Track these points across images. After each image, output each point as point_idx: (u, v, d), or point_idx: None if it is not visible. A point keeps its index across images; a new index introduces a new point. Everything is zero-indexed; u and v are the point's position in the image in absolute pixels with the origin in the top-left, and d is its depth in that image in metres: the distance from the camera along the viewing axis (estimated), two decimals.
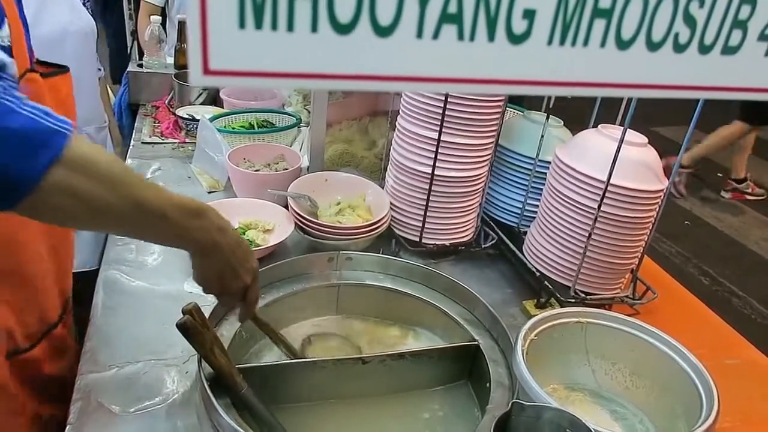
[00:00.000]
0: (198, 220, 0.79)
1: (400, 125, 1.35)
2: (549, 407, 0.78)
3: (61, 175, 0.64)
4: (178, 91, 2.13)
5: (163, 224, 0.75)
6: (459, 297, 1.19)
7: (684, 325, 1.21)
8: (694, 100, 1.01)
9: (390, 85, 0.33)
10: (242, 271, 0.88)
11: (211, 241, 0.81)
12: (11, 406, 0.95)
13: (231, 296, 0.92)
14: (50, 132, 0.64)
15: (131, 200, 0.70)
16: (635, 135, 1.15)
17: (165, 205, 0.74)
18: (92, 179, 0.67)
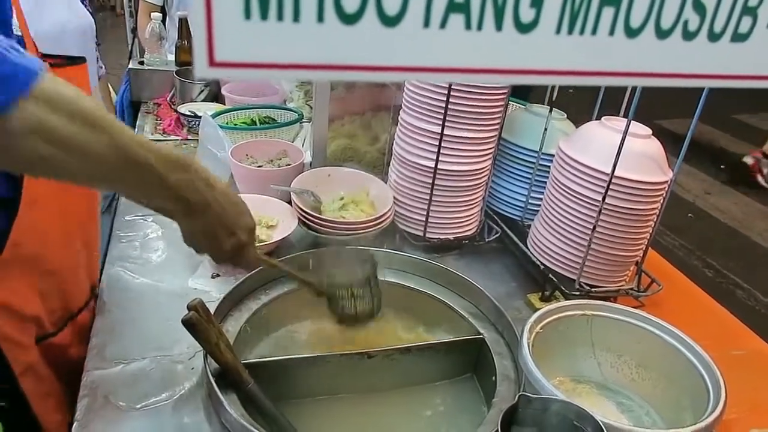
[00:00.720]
0: (184, 173, 0.72)
1: (402, 119, 1.34)
2: (556, 399, 0.78)
3: (32, 110, 0.58)
4: (179, 88, 2.13)
5: (148, 175, 0.69)
6: (463, 291, 1.19)
7: (689, 316, 1.21)
8: (698, 91, 1.01)
9: (397, 75, 0.33)
10: (236, 229, 0.82)
11: (200, 197, 0.75)
12: (42, 388, 0.97)
13: (226, 255, 0.85)
14: (18, 65, 0.58)
15: (113, 144, 0.64)
16: (639, 127, 1.14)
17: (149, 152, 0.68)
18: (69, 118, 0.60)
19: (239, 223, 0.82)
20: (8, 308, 0.90)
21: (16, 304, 0.91)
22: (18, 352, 0.93)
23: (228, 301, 1.05)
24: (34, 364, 0.96)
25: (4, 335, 0.90)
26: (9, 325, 0.90)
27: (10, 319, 0.91)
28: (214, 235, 0.80)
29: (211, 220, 0.78)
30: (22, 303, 0.92)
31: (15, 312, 0.91)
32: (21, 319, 0.93)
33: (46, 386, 0.99)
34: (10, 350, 0.91)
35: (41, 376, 0.98)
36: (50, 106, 0.59)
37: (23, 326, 0.94)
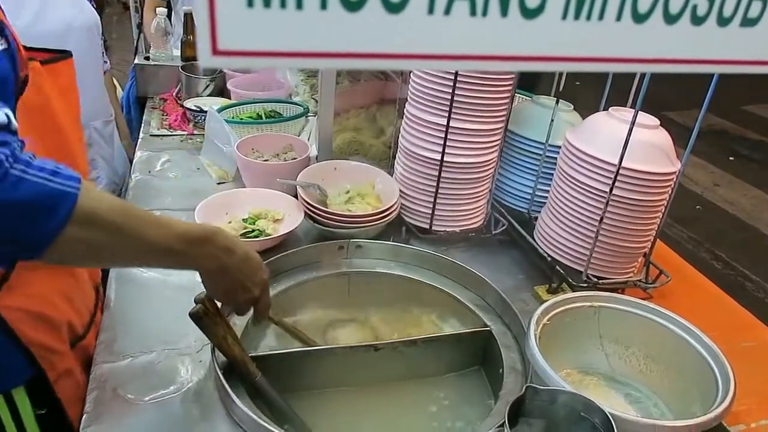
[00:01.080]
0: (204, 246, 0.83)
1: (408, 112, 1.34)
2: (563, 391, 0.78)
3: (72, 232, 0.68)
4: (185, 83, 2.13)
5: (171, 257, 0.80)
6: (470, 283, 1.18)
7: (698, 308, 1.20)
8: (707, 81, 1.00)
9: (401, 63, 0.32)
10: (251, 285, 0.90)
11: (219, 264, 0.85)
12: (78, 392, 0.98)
13: (243, 308, 0.95)
14: (59, 195, 0.67)
15: (138, 242, 0.76)
16: (647, 117, 1.13)
17: (170, 241, 0.78)
18: (102, 230, 0.72)
19: (255, 280, 0.91)
20: (39, 315, 0.91)
21: (47, 310, 0.93)
22: (54, 358, 0.94)
23: None
24: (71, 369, 0.98)
25: (37, 343, 0.91)
26: (42, 333, 0.92)
27: (42, 326, 0.92)
28: (232, 292, 0.90)
29: (229, 280, 0.87)
30: (52, 309, 0.94)
31: (46, 318, 0.93)
32: (53, 326, 0.95)
33: (82, 390, 0.99)
34: (45, 358, 0.92)
35: (78, 381, 0.99)
36: (86, 224, 0.70)
37: (56, 332, 0.95)
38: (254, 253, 0.91)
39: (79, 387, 0.98)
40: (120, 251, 0.76)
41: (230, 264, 0.86)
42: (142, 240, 0.76)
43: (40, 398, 0.94)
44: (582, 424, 0.76)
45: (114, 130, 2.02)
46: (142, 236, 0.75)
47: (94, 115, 1.86)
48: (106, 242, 0.72)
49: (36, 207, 0.65)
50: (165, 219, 0.81)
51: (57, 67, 0.95)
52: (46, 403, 0.94)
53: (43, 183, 0.66)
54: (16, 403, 0.92)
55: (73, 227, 0.68)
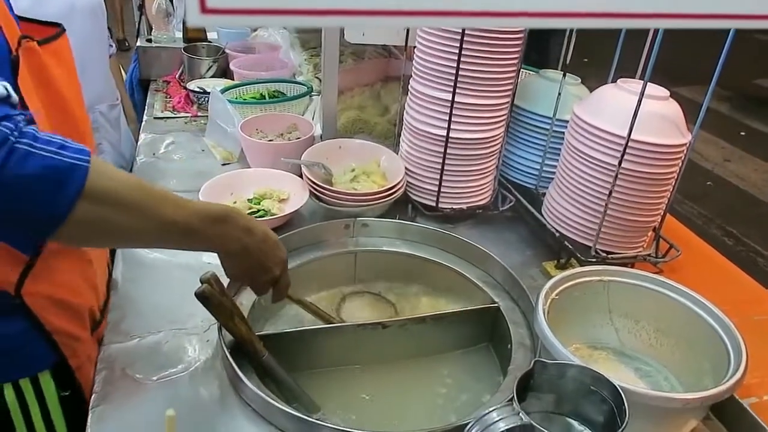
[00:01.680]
0: (223, 225, 0.81)
1: (413, 88, 1.32)
2: (572, 365, 0.77)
3: (86, 208, 0.66)
4: (188, 65, 2.11)
5: (191, 237, 0.78)
6: (477, 260, 1.18)
7: (709, 282, 1.18)
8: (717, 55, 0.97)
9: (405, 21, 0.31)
10: (271, 265, 0.89)
11: (238, 244, 0.83)
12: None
13: (263, 288, 0.93)
14: (69, 169, 0.65)
15: (156, 221, 0.73)
16: (656, 88, 1.11)
17: (190, 219, 0.77)
18: (116, 208, 0.69)
19: (274, 260, 0.90)
20: (62, 302, 0.90)
21: (69, 297, 0.92)
22: (76, 346, 0.94)
23: None
24: (92, 356, 0.97)
25: (61, 330, 0.90)
26: (64, 320, 0.91)
27: (64, 313, 0.91)
28: (252, 272, 0.89)
29: (248, 261, 0.86)
30: (74, 296, 0.93)
31: (69, 305, 0.92)
32: (76, 312, 0.94)
33: None
34: (68, 345, 0.92)
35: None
36: (99, 200, 0.68)
37: (79, 319, 0.95)
38: (272, 233, 0.90)
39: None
40: (138, 230, 0.73)
41: (250, 244, 0.84)
42: (161, 218, 0.73)
43: (64, 381, 0.94)
44: (591, 398, 0.76)
45: (120, 114, 2.01)
46: (160, 214, 0.73)
47: (100, 99, 1.84)
48: (122, 220, 0.70)
49: (45, 182, 0.63)
50: (182, 198, 0.78)
51: (56, 47, 0.93)
52: (69, 385, 0.94)
53: (51, 157, 0.64)
54: (41, 385, 0.92)
55: (86, 203, 0.66)
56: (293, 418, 0.81)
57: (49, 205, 0.64)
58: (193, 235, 0.78)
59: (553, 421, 0.79)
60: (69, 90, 0.95)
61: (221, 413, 0.85)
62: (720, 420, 0.90)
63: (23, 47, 0.81)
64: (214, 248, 0.84)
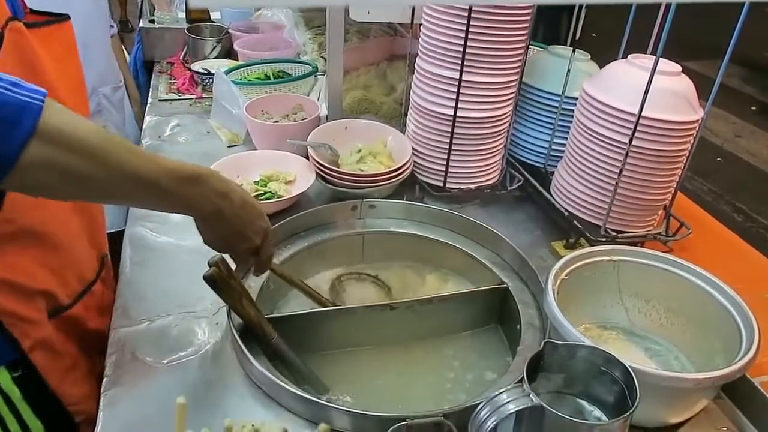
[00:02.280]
0: (195, 186, 0.77)
1: (419, 67, 1.30)
2: (582, 345, 0.76)
3: (39, 150, 0.62)
4: (191, 46, 2.10)
5: (157, 193, 0.74)
6: (486, 240, 1.17)
7: (720, 260, 1.17)
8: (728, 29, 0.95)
9: None
10: (250, 233, 0.86)
11: (212, 207, 0.80)
12: (63, 363, 0.96)
13: (241, 256, 0.91)
14: (20, 105, 0.61)
15: (118, 170, 0.69)
16: (668, 64, 1.09)
17: (157, 174, 0.72)
18: (73, 152, 0.65)
19: (253, 228, 0.86)
20: (10, 284, 0.87)
21: (20, 279, 0.88)
22: (26, 327, 0.90)
23: None
24: (48, 338, 0.94)
25: (6, 311, 0.87)
26: (11, 301, 0.87)
27: (12, 294, 0.87)
28: (229, 239, 0.85)
29: (225, 226, 0.83)
30: (26, 278, 0.89)
31: (19, 287, 0.88)
32: (27, 295, 0.90)
33: (67, 360, 0.97)
34: (15, 326, 0.88)
35: (58, 351, 0.96)
36: (54, 141, 0.63)
37: (30, 301, 0.91)
38: (252, 199, 0.87)
39: (61, 357, 0.96)
40: (98, 179, 0.68)
41: (226, 209, 0.81)
42: (124, 169, 0.69)
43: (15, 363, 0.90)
44: (602, 378, 0.75)
45: (124, 96, 2.00)
46: (123, 164, 0.68)
47: (103, 81, 1.83)
48: (80, 165, 0.65)
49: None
50: (153, 154, 0.75)
51: (48, 32, 0.90)
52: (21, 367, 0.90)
53: (1, 92, 0.61)
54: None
55: (39, 145, 0.62)
56: (303, 400, 0.82)
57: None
58: (161, 193, 0.74)
59: (562, 402, 0.79)
60: (64, 80, 0.92)
61: (231, 396, 0.86)
62: (731, 399, 0.90)
63: (9, 27, 0.79)
64: (187, 210, 0.80)
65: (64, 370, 0.96)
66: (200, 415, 0.81)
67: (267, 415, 0.83)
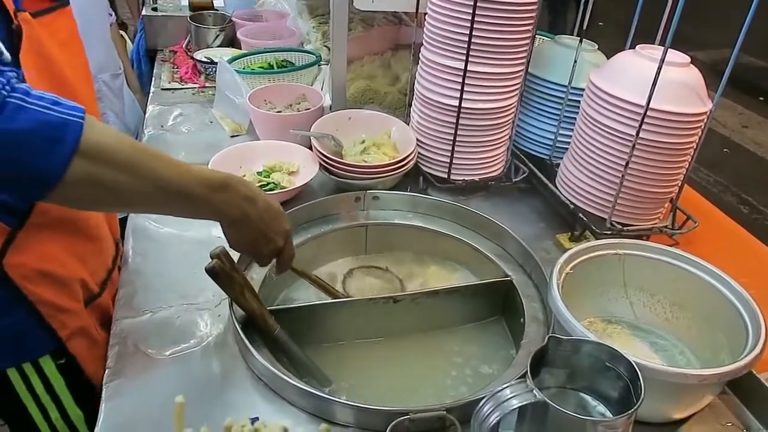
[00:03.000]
0: (224, 193, 0.79)
1: (424, 57, 1.28)
2: (587, 341, 0.76)
3: (81, 166, 0.64)
4: (194, 34, 2.08)
5: (190, 202, 0.76)
6: (490, 233, 1.16)
7: (727, 254, 1.16)
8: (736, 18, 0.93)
9: None
10: (273, 235, 0.88)
11: (239, 212, 0.82)
12: (98, 350, 0.98)
13: (266, 259, 0.92)
14: (62, 124, 0.63)
15: (155, 183, 0.71)
16: (677, 54, 1.07)
17: (189, 184, 0.74)
18: (113, 167, 0.67)
19: (277, 230, 0.88)
20: (45, 274, 0.89)
21: (55, 268, 0.91)
22: (64, 316, 0.93)
23: None
24: (86, 327, 0.97)
25: (44, 301, 0.89)
26: (49, 291, 0.90)
27: (49, 284, 0.90)
28: (254, 242, 0.87)
29: (250, 230, 0.85)
30: (60, 267, 0.92)
31: (54, 277, 0.91)
32: (62, 284, 0.92)
33: (102, 349, 0.98)
34: (54, 316, 0.91)
35: (95, 339, 0.98)
36: (95, 158, 0.65)
37: (66, 290, 0.93)
38: (275, 202, 0.89)
39: (97, 345, 0.98)
40: (135, 191, 0.71)
41: (252, 213, 0.83)
42: (159, 179, 0.71)
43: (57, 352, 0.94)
44: (606, 374, 0.75)
45: (123, 84, 1.99)
46: (158, 175, 0.71)
47: (102, 68, 1.82)
48: (120, 179, 0.68)
49: (38, 137, 0.62)
50: (184, 162, 0.76)
51: (52, 19, 0.90)
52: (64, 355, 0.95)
53: (43, 112, 0.62)
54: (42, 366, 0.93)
55: (81, 160, 0.64)
56: (305, 393, 0.81)
57: (44, 162, 0.62)
58: (193, 201, 0.76)
59: (566, 397, 0.78)
60: (70, 65, 0.92)
61: (233, 388, 0.85)
62: (736, 394, 0.89)
63: (20, 18, 0.79)
64: (215, 216, 0.82)
65: (100, 358, 0.97)
66: (201, 408, 0.81)
67: (268, 408, 0.83)
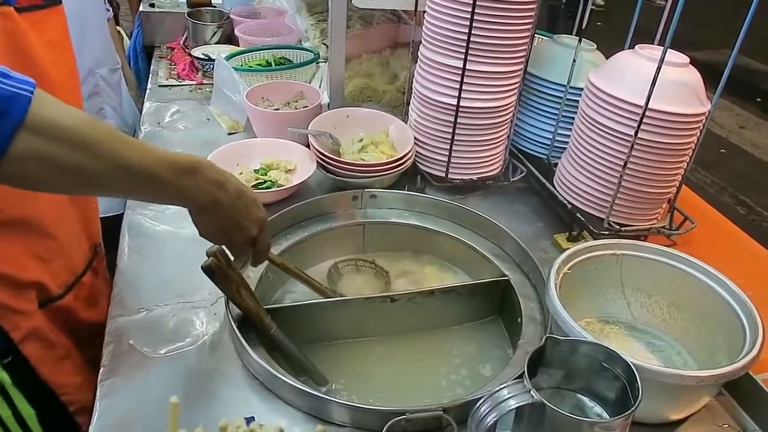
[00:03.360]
0: (191, 177, 0.75)
1: (422, 55, 1.28)
2: (584, 341, 0.75)
3: (28, 141, 0.61)
4: (192, 31, 2.07)
5: (152, 185, 0.72)
6: (488, 232, 1.16)
7: (724, 255, 1.16)
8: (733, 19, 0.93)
9: None
10: (247, 224, 0.84)
11: (208, 198, 0.78)
12: (55, 352, 0.96)
13: (239, 247, 0.88)
14: (7, 96, 0.60)
15: (111, 163, 0.67)
16: (676, 55, 1.07)
17: (152, 165, 0.70)
18: (63, 144, 0.63)
19: (250, 218, 0.84)
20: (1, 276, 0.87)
21: (10, 270, 0.88)
22: (17, 318, 0.90)
23: None
24: (39, 329, 0.94)
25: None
26: (2, 293, 0.87)
27: (2, 286, 0.87)
28: (226, 230, 0.83)
29: (221, 217, 0.81)
30: (16, 269, 0.89)
31: (9, 279, 0.88)
32: (17, 286, 0.90)
33: (60, 351, 0.97)
34: (6, 317, 0.88)
35: (51, 341, 0.96)
36: (43, 133, 0.61)
37: (20, 293, 0.91)
38: (248, 189, 0.85)
39: (53, 347, 0.96)
40: (91, 172, 0.66)
41: (223, 199, 0.79)
42: (116, 160, 0.67)
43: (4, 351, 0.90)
44: (603, 374, 0.75)
45: (121, 79, 1.98)
46: (115, 156, 0.66)
47: (100, 63, 1.81)
48: (72, 157, 0.63)
49: None
50: (147, 144, 0.73)
51: (41, 17, 0.88)
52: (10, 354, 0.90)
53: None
54: None
55: (27, 136, 0.60)
56: (301, 393, 0.81)
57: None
58: (157, 185, 0.72)
59: (563, 397, 0.78)
60: (58, 67, 0.91)
61: (228, 387, 0.85)
62: (732, 395, 0.89)
63: None
64: (182, 201, 0.78)
65: (57, 360, 0.96)
66: (196, 407, 0.80)
67: (264, 407, 0.82)
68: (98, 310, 1.08)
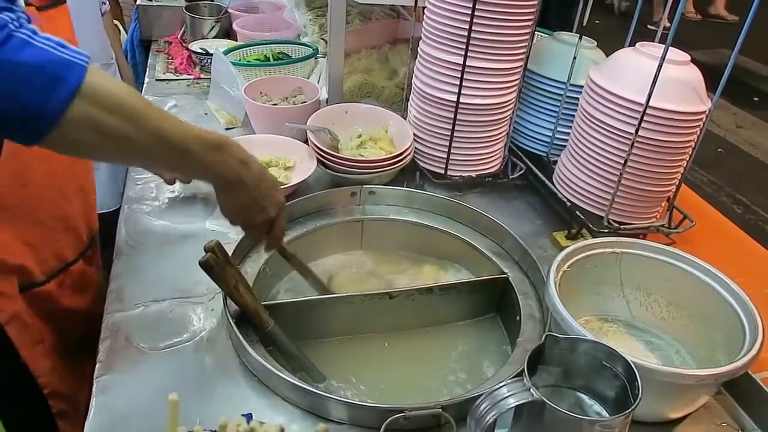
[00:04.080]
0: (220, 153, 0.78)
1: (422, 51, 1.27)
2: (584, 339, 0.75)
3: (81, 108, 0.63)
4: (190, 25, 2.06)
5: (186, 158, 0.74)
6: (486, 229, 1.15)
7: (723, 253, 1.16)
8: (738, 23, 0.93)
9: None
10: (267, 204, 0.86)
11: (234, 175, 0.80)
12: (29, 336, 0.98)
13: (256, 229, 0.90)
14: (67, 64, 0.62)
15: (153, 133, 0.70)
16: (677, 53, 1.06)
17: (187, 138, 0.73)
18: (113, 112, 0.65)
19: (270, 199, 0.87)
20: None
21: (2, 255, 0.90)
22: (2, 302, 0.92)
23: (246, 242, 1.03)
24: (19, 312, 0.96)
25: None
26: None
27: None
28: (247, 208, 0.85)
29: (243, 195, 0.83)
30: (3, 253, 0.91)
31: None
32: (2, 270, 0.92)
33: (34, 334, 0.99)
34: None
35: (27, 324, 0.98)
36: (96, 102, 0.64)
37: (4, 276, 0.93)
38: (270, 173, 0.87)
39: (28, 331, 0.98)
40: (132, 140, 0.68)
41: (247, 177, 0.81)
42: (159, 132, 0.70)
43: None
44: (603, 373, 0.74)
45: (116, 73, 1.97)
46: (158, 127, 0.70)
47: (93, 59, 1.79)
48: (119, 127, 0.66)
49: (42, 73, 0.60)
50: (182, 120, 0.75)
51: (50, 16, 0.90)
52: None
53: (49, 50, 0.62)
54: None
55: (82, 103, 0.63)
56: (299, 389, 0.80)
57: (43, 100, 0.61)
58: (189, 157, 0.74)
59: (562, 395, 0.78)
60: None
61: (226, 384, 0.84)
62: (731, 394, 0.89)
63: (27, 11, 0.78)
64: (210, 176, 0.80)
65: (33, 343, 0.97)
66: (194, 404, 0.80)
67: (262, 403, 0.82)
68: (85, 299, 1.10)
